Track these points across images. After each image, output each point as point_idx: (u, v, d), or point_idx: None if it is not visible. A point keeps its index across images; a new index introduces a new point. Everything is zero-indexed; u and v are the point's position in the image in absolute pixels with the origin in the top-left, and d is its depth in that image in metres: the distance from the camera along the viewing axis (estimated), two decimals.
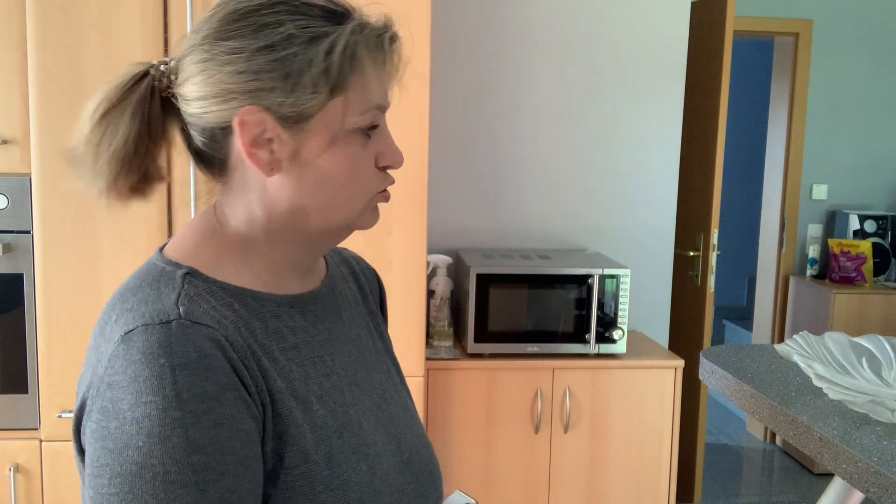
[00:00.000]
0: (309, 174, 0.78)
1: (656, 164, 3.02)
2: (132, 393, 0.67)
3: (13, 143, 2.04)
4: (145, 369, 0.67)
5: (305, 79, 0.74)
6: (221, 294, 0.77)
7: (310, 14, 0.76)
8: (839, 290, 3.88)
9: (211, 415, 0.68)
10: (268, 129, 0.75)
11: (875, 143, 4.23)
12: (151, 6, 2.00)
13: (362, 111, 0.77)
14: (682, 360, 2.62)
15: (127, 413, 0.67)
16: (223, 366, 0.70)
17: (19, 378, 2.08)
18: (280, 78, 0.74)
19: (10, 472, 2.07)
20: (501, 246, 2.99)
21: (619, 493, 2.62)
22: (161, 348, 0.68)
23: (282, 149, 0.76)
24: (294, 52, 0.74)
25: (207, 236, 0.81)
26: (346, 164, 0.78)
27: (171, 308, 0.72)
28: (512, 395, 2.54)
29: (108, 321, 0.74)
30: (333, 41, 0.75)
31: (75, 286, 2.03)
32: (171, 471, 0.65)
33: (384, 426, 0.87)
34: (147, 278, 0.77)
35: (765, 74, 5.70)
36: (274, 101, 0.74)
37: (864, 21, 4.13)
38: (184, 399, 0.67)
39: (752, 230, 5.91)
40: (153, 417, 0.66)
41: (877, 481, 1.00)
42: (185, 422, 0.66)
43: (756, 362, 1.46)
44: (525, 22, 2.92)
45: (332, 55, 0.74)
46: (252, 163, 0.77)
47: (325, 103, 0.75)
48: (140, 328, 0.70)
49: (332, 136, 0.77)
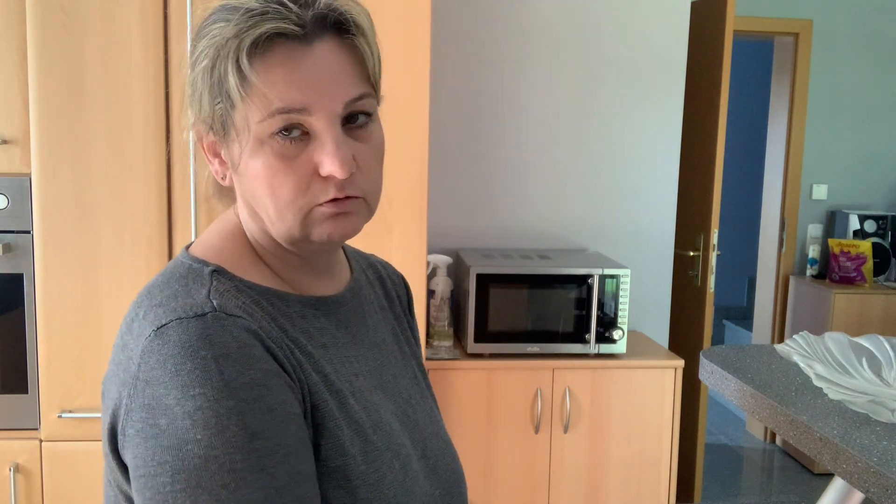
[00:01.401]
0: (243, 183, 0.77)
1: (656, 164, 3.02)
2: (177, 387, 0.66)
3: (13, 143, 2.04)
4: (187, 362, 0.66)
5: (204, 91, 0.74)
6: (249, 292, 0.76)
7: (229, 20, 0.72)
8: (839, 290, 3.87)
9: (263, 401, 0.67)
10: (209, 139, 0.78)
11: (875, 143, 4.23)
12: (151, 6, 2.00)
13: (261, 119, 0.72)
14: (682, 360, 2.62)
15: (176, 408, 0.66)
16: (263, 354, 0.70)
17: (19, 378, 2.08)
18: (195, 90, 0.75)
19: (10, 472, 2.07)
20: (501, 246, 2.99)
21: (619, 493, 2.62)
22: (200, 340, 0.67)
23: (227, 157, 0.78)
24: (204, 66, 0.74)
25: (230, 236, 0.82)
26: (263, 173, 0.74)
27: (204, 302, 0.71)
28: (512, 395, 2.54)
29: (134, 318, 0.73)
30: (218, 51, 0.73)
31: (75, 286, 2.03)
32: (236, 459, 0.64)
33: (409, 430, 0.86)
34: (174, 275, 0.77)
35: (765, 74, 5.70)
36: (200, 113, 0.76)
37: (864, 21, 4.13)
38: (234, 388, 0.66)
39: (752, 230, 5.91)
40: (206, 409, 0.65)
41: (877, 481, 1.00)
42: (240, 409, 0.65)
43: (756, 362, 1.46)
44: (525, 22, 2.92)
45: (216, 66, 0.73)
46: (210, 170, 0.80)
47: (226, 112, 0.74)
48: (174, 322, 0.69)
49: (248, 145, 0.74)
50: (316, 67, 0.72)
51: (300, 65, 0.72)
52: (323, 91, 0.72)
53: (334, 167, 0.72)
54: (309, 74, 0.72)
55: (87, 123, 2.00)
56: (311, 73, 0.72)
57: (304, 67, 0.72)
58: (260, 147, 0.73)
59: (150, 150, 2.03)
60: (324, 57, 0.73)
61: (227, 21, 0.71)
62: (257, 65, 0.71)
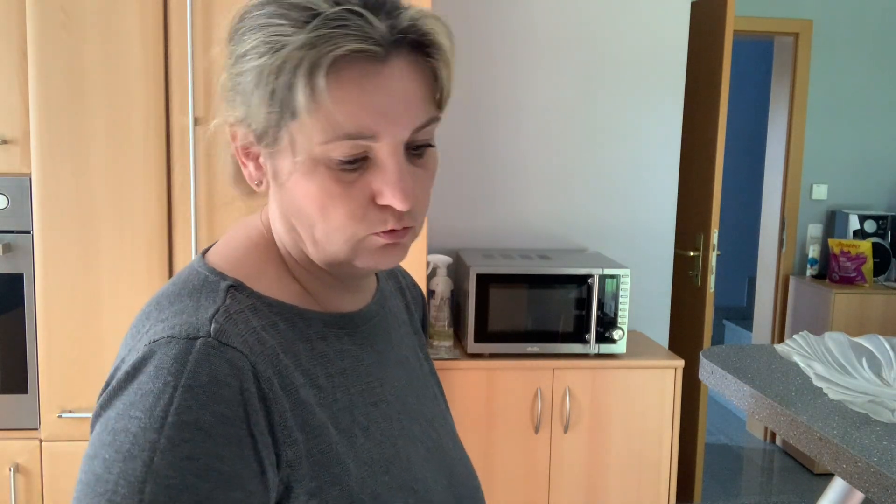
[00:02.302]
0: (286, 197, 0.71)
1: (656, 164, 3.02)
2: (125, 403, 0.63)
3: (13, 143, 2.04)
4: (149, 383, 0.63)
5: (257, 96, 0.66)
6: (266, 311, 0.71)
7: (289, 17, 0.65)
8: (839, 290, 3.88)
9: (189, 446, 0.61)
10: (250, 143, 0.71)
11: (875, 143, 4.23)
12: (151, 6, 2.00)
13: (326, 140, 0.66)
14: (682, 360, 2.62)
15: (112, 422, 0.63)
16: (233, 397, 0.64)
17: (19, 378, 2.08)
18: (243, 92, 0.68)
19: (10, 472, 2.07)
20: (501, 246, 2.99)
21: (619, 493, 2.62)
22: (174, 365, 0.63)
23: (266, 165, 0.71)
24: (257, 65, 0.66)
25: (254, 245, 0.76)
26: (315, 197, 0.68)
27: (204, 324, 0.66)
28: (512, 395, 2.54)
29: (141, 330, 0.70)
30: (286, 56, 0.64)
31: (75, 286, 2.03)
32: (119, 492, 0.59)
33: (436, 458, 0.81)
34: (188, 286, 0.72)
35: (765, 74, 5.70)
36: (244, 115, 0.69)
37: (864, 21, 4.13)
38: (168, 423, 0.61)
39: (752, 230, 5.90)
40: (129, 433, 0.61)
41: (877, 481, 1.00)
42: (157, 447, 0.60)
43: (756, 362, 1.46)
44: (525, 22, 2.92)
45: (280, 73, 0.64)
46: (244, 173, 0.74)
47: (281, 124, 0.67)
48: (164, 340, 0.65)
49: (299, 161, 0.67)
50: (389, 90, 0.66)
51: (374, 85, 0.65)
52: (394, 117, 0.67)
53: (396, 200, 0.67)
54: (382, 98, 0.66)
55: (87, 123, 2.00)
56: (384, 96, 0.66)
57: (378, 89, 0.66)
58: (315, 167, 0.67)
59: (150, 151, 2.03)
60: (398, 78, 0.67)
61: (295, 23, 0.64)
62: (331, 83, 0.64)
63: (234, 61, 0.68)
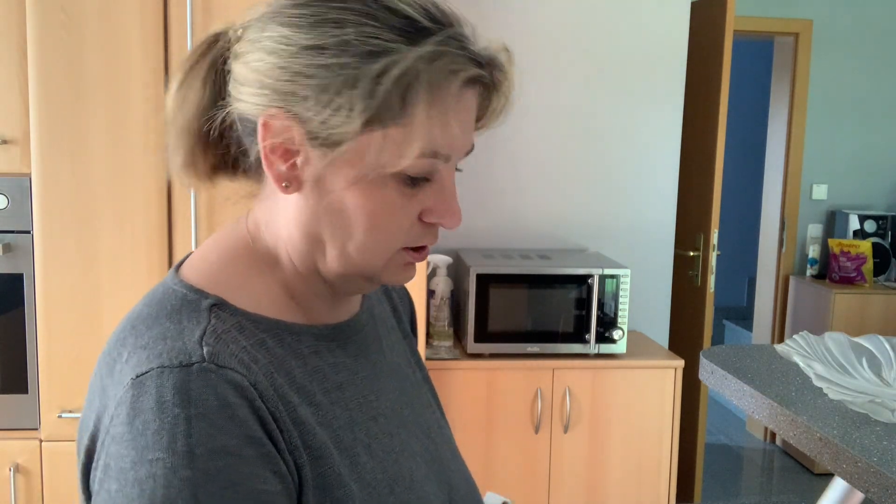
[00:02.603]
0: (329, 206, 0.66)
1: (656, 163, 3.02)
2: (137, 448, 0.58)
3: (13, 143, 2.04)
4: (155, 420, 0.58)
5: (343, 98, 0.61)
6: (252, 329, 0.66)
7: (385, 22, 0.62)
8: (839, 290, 3.88)
9: (227, 473, 0.57)
10: (294, 141, 0.64)
11: (875, 143, 4.23)
12: (151, 6, 2.00)
13: (406, 155, 0.63)
14: (682, 360, 2.62)
15: (129, 472, 0.57)
16: (247, 417, 0.60)
17: (19, 378, 2.08)
18: (317, 88, 0.62)
19: (10, 472, 2.07)
20: (501, 246, 2.99)
21: (619, 493, 2.62)
22: (177, 395, 0.59)
23: (306, 167, 0.65)
24: (342, 63, 0.61)
25: (234, 253, 0.71)
26: (374, 209, 0.65)
27: (195, 348, 0.62)
28: (512, 395, 2.54)
29: (117, 359, 0.64)
30: (389, 64, 0.61)
31: (75, 286, 2.03)
32: None
33: (435, 472, 0.78)
34: (165, 308, 0.66)
35: (765, 74, 5.70)
36: (305, 111, 0.63)
37: (864, 21, 4.13)
38: (196, 455, 0.57)
39: (752, 230, 5.90)
40: (158, 478, 0.56)
41: (877, 481, 1.00)
42: (196, 481, 0.56)
43: (756, 362, 1.45)
44: (525, 22, 2.92)
45: (382, 80, 0.61)
46: (268, 171, 0.66)
47: (358, 132, 0.62)
48: (155, 371, 0.60)
49: (363, 172, 0.64)
50: (468, 114, 0.67)
51: (460, 108, 0.65)
52: (464, 141, 0.67)
53: (453, 221, 0.68)
54: (461, 121, 0.66)
55: (87, 123, 2.00)
56: (465, 121, 0.66)
57: (461, 113, 0.66)
58: (383, 180, 0.65)
59: (150, 150, 2.03)
60: (471, 103, 0.67)
61: (399, 32, 0.62)
62: (435, 101, 0.63)
63: (297, 51, 0.63)
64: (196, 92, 0.68)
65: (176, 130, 0.69)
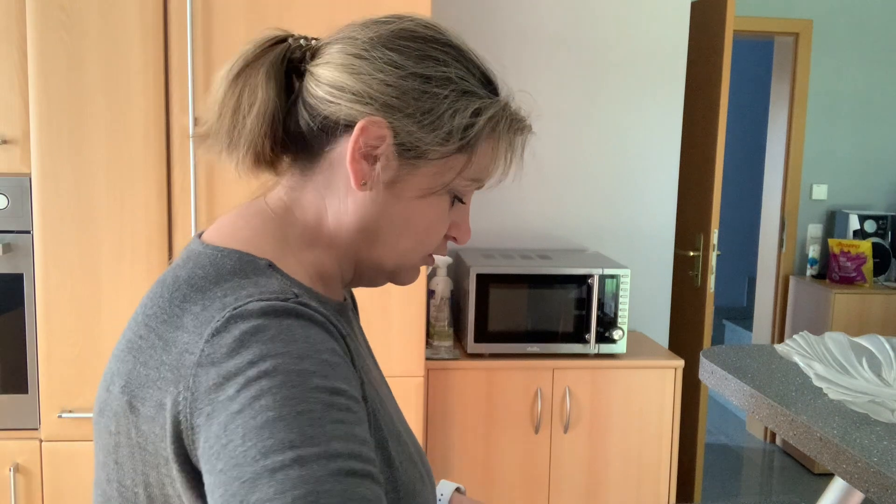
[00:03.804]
0: (394, 208, 0.75)
1: (656, 164, 3.02)
2: (252, 352, 0.61)
3: (13, 143, 2.04)
4: (270, 327, 0.63)
5: (444, 124, 0.73)
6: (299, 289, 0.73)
7: (471, 70, 0.77)
8: (839, 290, 3.88)
9: (342, 369, 0.64)
10: (383, 147, 0.73)
11: (875, 143, 4.23)
12: (151, 6, 2.00)
13: (472, 178, 0.77)
14: (682, 360, 2.62)
15: (267, 363, 0.60)
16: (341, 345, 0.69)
17: (19, 378, 2.08)
18: (422, 109, 0.73)
19: (10, 472, 2.07)
20: (501, 246, 2.99)
21: (619, 493, 2.62)
22: (285, 312, 0.64)
23: (384, 171, 0.73)
24: (445, 95, 0.73)
25: (265, 226, 0.76)
26: (430, 218, 0.77)
27: (285, 289, 0.68)
28: (512, 395, 2.54)
29: (183, 314, 0.67)
30: (485, 105, 0.75)
31: (75, 286, 2.03)
32: (315, 407, 0.60)
33: (411, 438, 0.85)
34: (225, 267, 0.70)
35: (765, 74, 5.70)
36: (405, 126, 0.73)
37: (864, 21, 4.13)
38: (318, 350, 0.63)
39: (752, 230, 5.91)
40: (281, 369, 0.61)
41: (877, 481, 1.00)
42: (322, 372, 0.62)
43: (756, 362, 1.46)
44: (525, 22, 2.92)
45: (480, 117, 0.75)
46: (351, 169, 0.73)
47: (446, 154, 0.74)
48: (255, 301, 0.65)
49: (434, 187, 0.75)
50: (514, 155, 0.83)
51: (512, 149, 0.82)
52: None
53: (467, 237, 0.83)
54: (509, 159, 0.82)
55: (87, 123, 2.00)
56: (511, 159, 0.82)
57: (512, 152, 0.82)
58: (446, 194, 0.77)
59: (150, 150, 2.03)
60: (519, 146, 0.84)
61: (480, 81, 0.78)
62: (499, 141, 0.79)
63: (406, 74, 0.73)
64: (263, 84, 0.74)
65: (246, 122, 0.74)
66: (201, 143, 0.77)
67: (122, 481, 0.70)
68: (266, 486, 0.56)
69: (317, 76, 0.74)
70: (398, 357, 2.19)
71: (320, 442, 0.58)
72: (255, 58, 0.75)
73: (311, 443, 0.58)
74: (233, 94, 0.74)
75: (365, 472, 0.59)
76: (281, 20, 2.03)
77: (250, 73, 0.74)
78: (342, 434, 0.60)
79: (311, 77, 0.74)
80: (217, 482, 0.58)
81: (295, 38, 0.77)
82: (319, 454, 0.57)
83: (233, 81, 0.74)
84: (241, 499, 0.56)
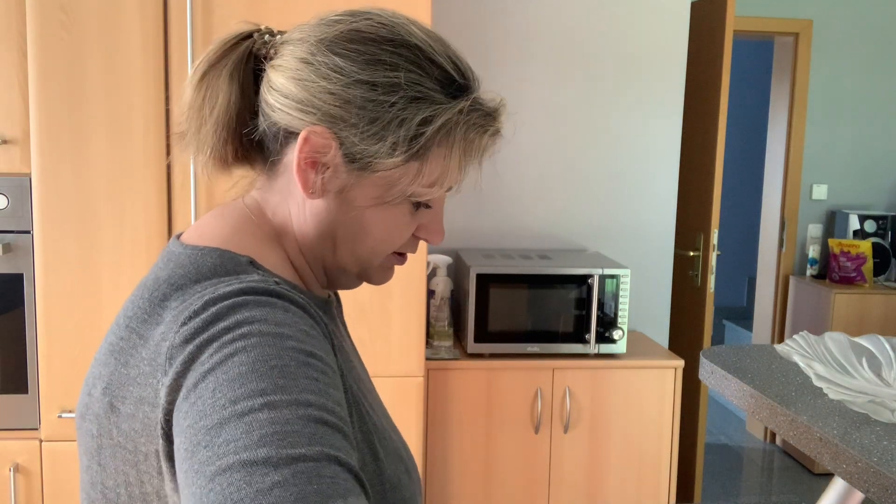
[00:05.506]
0: (348, 216, 0.74)
1: (656, 164, 3.02)
2: (239, 313, 0.62)
3: (13, 143, 2.04)
4: (248, 302, 0.63)
5: (389, 134, 0.70)
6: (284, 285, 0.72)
7: (427, 73, 0.71)
8: (839, 290, 3.88)
9: (317, 342, 0.64)
10: (329, 157, 0.71)
11: (875, 143, 4.23)
12: (152, 6, 2.00)
13: (429, 185, 0.73)
14: (682, 360, 2.62)
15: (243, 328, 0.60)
16: (322, 331, 0.69)
17: (19, 378, 2.08)
18: (366, 119, 0.69)
19: (10, 472, 2.07)
20: (501, 246, 2.99)
21: (619, 493, 2.62)
22: (266, 292, 0.64)
23: (333, 180, 0.72)
24: (392, 103, 0.69)
25: (244, 225, 0.76)
26: (387, 225, 0.75)
27: (265, 279, 0.67)
28: (512, 395, 2.54)
29: (163, 311, 0.67)
30: (437, 112, 0.70)
31: (75, 286, 2.03)
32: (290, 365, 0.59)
33: (396, 433, 0.85)
34: (205, 264, 0.70)
35: (765, 74, 5.70)
36: (350, 136, 0.70)
37: (864, 21, 4.13)
38: (298, 326, 0.63)
39: (752, 230, 5.91)
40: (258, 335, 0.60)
41: (877, 481, 1.00)
42: (296, 342, 0.61)
43: (756, 362, 1.46)
44: (525, 22, 2.92)
45: (429, 126, 0.70)
46: (297, 178, 0.72)
47: (395, 165, 0.71)
48: (236, 288, 0.65)
49: (386, 196, 0.73)
50: (480, 158, 0.78)
51: (477, 154, 0.77)
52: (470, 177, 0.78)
53: (439, 239, 0.80)
54: (476, 163, 0.77)
55: (87, 123, 2.00)
56: (478, 162, 0.77)
57: (478, 157, 0.77)
58: (403, 202, 0.74)
59: (150, 150, 2.03)
60: (487, 149, 0.78)
61: (438, 83, 0.71)
62: (464, 147, 0.74)
63: (350, 82, 0.69)
64: (224, 87, 0.73)
65: (206, 122, 0.74)
66: (179, 141, 0.77)
67: (105, 483, 0.69)
68: (233, 429, 0.54)
69: (270, 81, 0.73)
70: (398, 357, 2.19)
71: (292, 391, 0.57)
72: (217, 59, 0.74)
73: (283, 392, 0.56)
74: (198, 96, 0.74)
75: (337, 425, 0.58)
76: (281, 20, 2.03)
77: (213, 76, 0.74)
78: (316, 389, 0.58)
79: (266, 81, 0.73)
80: (183, 439, 0.56)
81: (261, 32, 0.75)
82: (290, 401, 0.56)
83: (197, 85, 0.74)
84: (207, 444, 0.54)
